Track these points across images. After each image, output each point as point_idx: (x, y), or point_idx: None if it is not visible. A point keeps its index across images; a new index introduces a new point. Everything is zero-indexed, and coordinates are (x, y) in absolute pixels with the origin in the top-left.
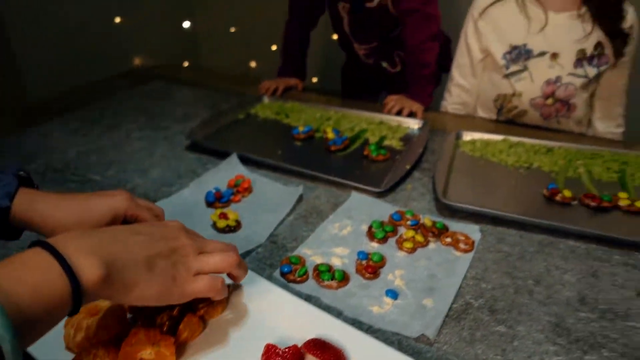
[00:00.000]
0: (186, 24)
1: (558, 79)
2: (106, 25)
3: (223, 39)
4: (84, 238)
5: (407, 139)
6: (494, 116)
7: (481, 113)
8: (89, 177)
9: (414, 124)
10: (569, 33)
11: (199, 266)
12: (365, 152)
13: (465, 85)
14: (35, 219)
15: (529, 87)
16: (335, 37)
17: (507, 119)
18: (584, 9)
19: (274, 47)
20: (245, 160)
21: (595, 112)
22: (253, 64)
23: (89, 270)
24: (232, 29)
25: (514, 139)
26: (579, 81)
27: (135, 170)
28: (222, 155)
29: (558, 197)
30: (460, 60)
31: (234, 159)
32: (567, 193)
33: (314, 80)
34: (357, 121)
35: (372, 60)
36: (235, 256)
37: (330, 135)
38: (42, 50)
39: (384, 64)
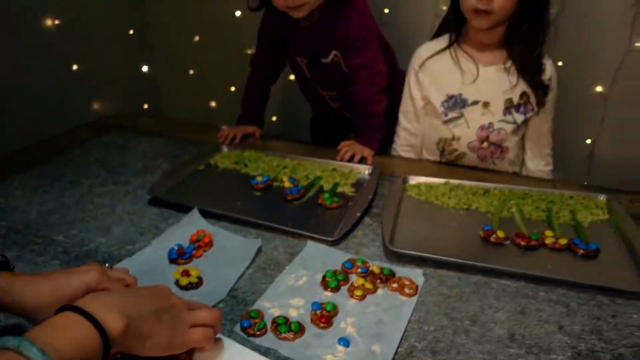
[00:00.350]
0: (145, 68)
1: (490, 125)
2: (64, 73)
3: (182, 80)
4: (102, 298)
5: (358, 184)
6: (437, 158)
7: (426, 155)
8: (51, 238)
9: (364, 170)
10: (498, 84)
11: (193, 320)
12: (320, 201)
13: (411, 129)
14: (13, 303)
15: (465, 132)
16: (292, 77)
17: (449, 160)
18: (509, 63)
19: (232, 88)
20: (206, 214)
21: (526, 152)
22: (213, 104)
23: (113, 323)
24: (191, 71)
25: (454, 181)
26: (509, 127)
27: (97, 229)
28: (184, 209)
29: (492, 238)
30: (405, 107)
31: (195, 213)
32: (501, 234)
33: (274, 118)
34: (311, 169)
35: (339, 105)
36: (219, 311)
37: (287, 184)
38: None
39: (349, 115)
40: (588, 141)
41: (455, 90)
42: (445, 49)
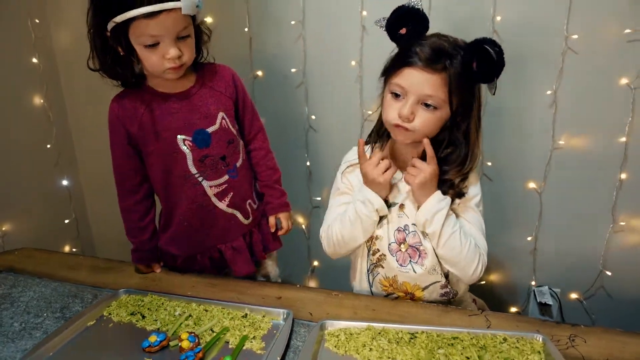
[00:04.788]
0: (65, 182)
1: (406, 227)
2: None
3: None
4: None
5: (270, 335)
6: (365, 261)
7: (358, 257)
8: None
9: (278, 315)
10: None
11: None
12: None
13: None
14: None
15: (385, 233)
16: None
17: (374, 263)
18: None
19: None
20: None
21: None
22: None
23: None
24: None
25: (377, 326)
26: None
27: None
28: None
29: None
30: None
31: None
32: None
33: None
34: (219, 316)
35: (227, 204)
36: None
37: (185, 343)
38: None
39: (237, 214)
40: (529, 238)
41: None
42: None
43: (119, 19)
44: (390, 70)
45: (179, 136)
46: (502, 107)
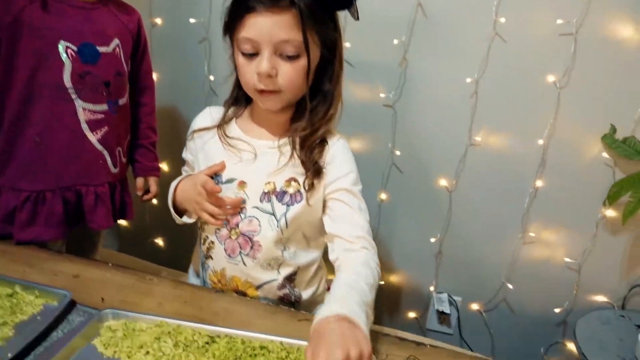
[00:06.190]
0: None
1: (243, 210)
2: None
3: None
4: None
5: (28, 323)
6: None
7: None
8: None
9: (54, 297)
10: (262, 163)
11: None
12: None
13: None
14: None
15: None
16: None
17: (205, 255)
18: (284, 140)
19: None
20: None
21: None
22: None
23: None
24: None
25: (171, 323)
26: (263, 216)
27: None
28: None
29: None
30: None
31: None
32: None
33: None
34: None
35: (99, 139)
36: None
37: None
38: None
39: (107, 156)
40: (433, 240)
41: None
42: (212, 127)
43: None
44: (231, 24)
45: (62, 41)
46: (418, 90)
